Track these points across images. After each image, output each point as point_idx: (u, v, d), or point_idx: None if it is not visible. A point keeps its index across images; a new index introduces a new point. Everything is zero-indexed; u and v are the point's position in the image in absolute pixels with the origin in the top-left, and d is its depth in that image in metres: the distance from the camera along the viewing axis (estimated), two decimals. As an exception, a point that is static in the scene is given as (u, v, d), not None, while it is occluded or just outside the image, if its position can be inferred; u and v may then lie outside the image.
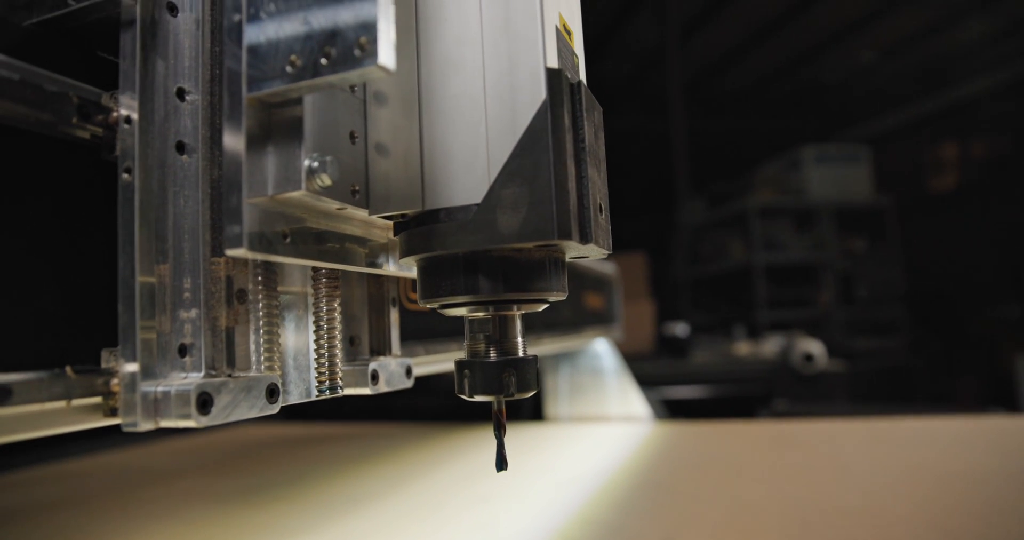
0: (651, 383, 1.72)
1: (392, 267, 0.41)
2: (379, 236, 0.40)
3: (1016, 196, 3.98)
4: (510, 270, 0.32)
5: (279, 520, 0.68)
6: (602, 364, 1.31)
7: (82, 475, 0.98)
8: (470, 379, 0.34)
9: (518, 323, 0.35)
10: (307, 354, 0.39)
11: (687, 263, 4.72)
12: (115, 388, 0.31)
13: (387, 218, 0.34)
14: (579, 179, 0.31)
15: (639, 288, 3.05)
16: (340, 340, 0.40)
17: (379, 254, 0.40)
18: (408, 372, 0.46)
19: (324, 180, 0.29)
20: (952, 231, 4.41)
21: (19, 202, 0.31)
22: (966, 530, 0.55)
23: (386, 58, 0.26)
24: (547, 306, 0.35)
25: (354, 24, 0.26)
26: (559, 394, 1.32)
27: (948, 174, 4.68)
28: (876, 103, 5.12)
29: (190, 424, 0.30)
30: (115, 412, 0.31)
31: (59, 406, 0.30)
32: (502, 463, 0.35)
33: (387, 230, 0.39)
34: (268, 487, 0.83)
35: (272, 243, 0.30)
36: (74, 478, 0.96)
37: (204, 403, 0.30)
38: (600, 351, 1.32)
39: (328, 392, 0.39)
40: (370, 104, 0.34)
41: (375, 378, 0.42)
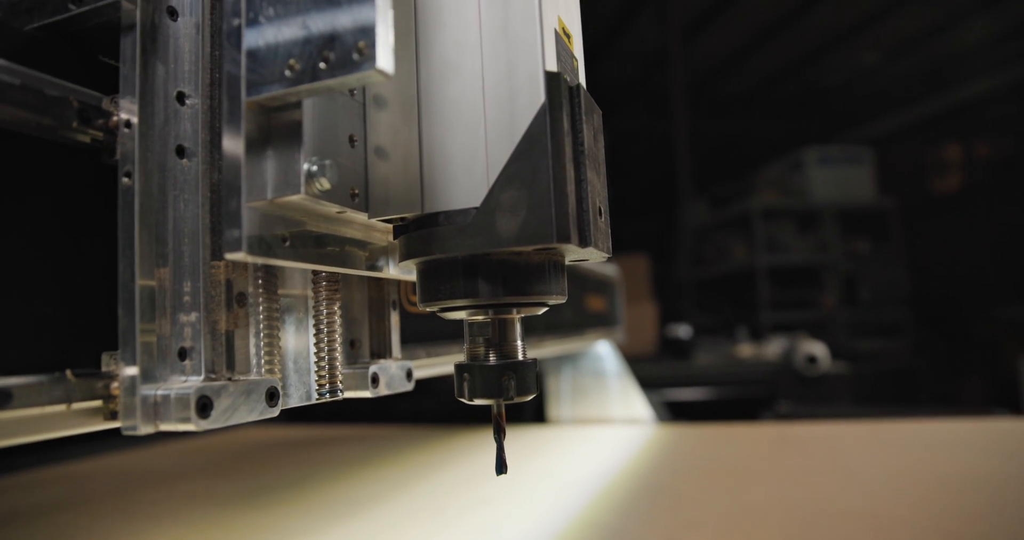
0: (654, 385, 1.72)
1: (392, 270, 0.41)
2: (379, 239, 0.40)
3: (1020, 197, 3.97)
4: (509, 273, 0.32)
5: (281, 522, 0.68)
6: (604, 366, 1.31)
7: (84, 477, 0.98)
8: (470, 382, 0.34)
9: (517, 326, 0.35)
10: (307, 357, 0.39)
11: (690, 265, 4.71)
12: (115, 391, 0.31)
13: (386, 221, 0.34)
14: (578, 182, 0.31)
15: (642, 290, 3.05)
16: (340, 343, 0.40)
17: (379, 257, 0.40)
18: (408, 375, 0.46)
19: (323, 184, 0.29)
20: (956, 232, 4.40)
21: (20, 206, 0.31)
22: (969, 533, 0.54)
23: (384, 62, 0.26)
24: (547, 309, 0.35)
25: (352, 28, 0.26)
26: (561, 396, 1.31)
27: (952, 175, 4.67)
28: (879, 104, 5.11)
29: (189, 427, 0.30)
30: (115, 415, 0.31)
31: (59, 410, 0.30)
32: (502, 467, 0.35)
33: (387, 233, 0.39)
34: (270, 489, 0.83)
35: (271, 247, 0.30)
36: (76, 480, 0.97)
37: (204, 406, 0.30)
38: (602, 353, 1.32)
39: (328, 395, 0.39)
40: (369, 108, 0.34)
41: (375, 381, 0.42)
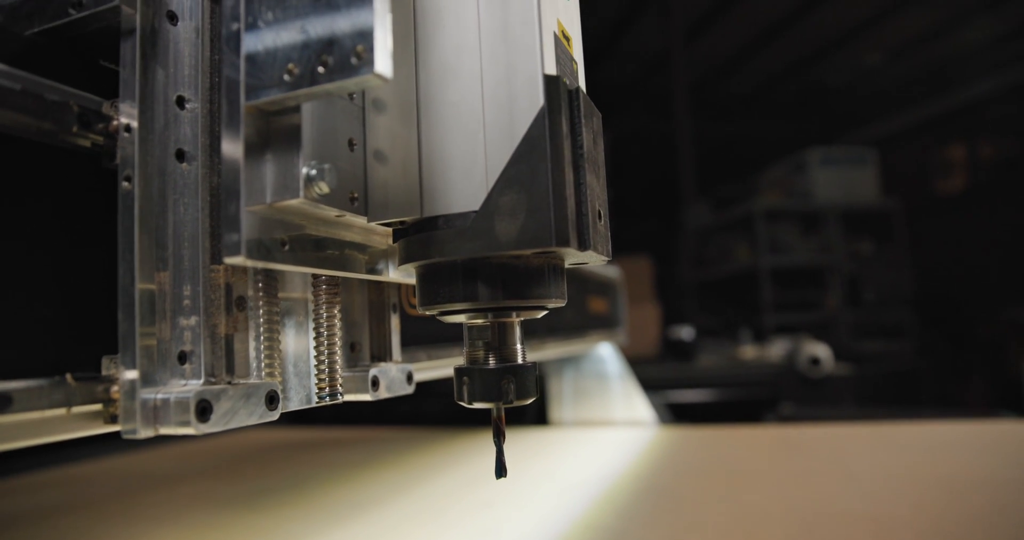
0: (656, 387, 1.72)
1: (392, 273, 0.41)
2: (379, 242, 0.40)
3: (1024, 197, 3.96)
4: (509, 277, 0.32)
5: (282, 525, 0.68)
6: (606, 368, 1.31)
7: (85, 480, 0.98)
8: (469, 386, 0.34)
9: (517, 330, 0.35)
10: (307, 360, 0.39)
11: (692, 266, 4.71)
12: (115, 395, 0.31)
13: (386, 225, 0.34)
14: (577, 186, 0.31)
15: (644, 291, 3.05)
16: (340, 346, 0.40)
17: (379, 260, 0.40)
18: (409, 378, 0.46)
19: (322, 188, 0.29)
20: (960, 233, 4.39)
21: (20, 209, 0.31)
22: (972, 536, 0.54)
23: (383, 66, 0.26)
24: (546, 312, 0.35)
25: (351, 32, 0.26)
26: (563, 398, 1.31)
27: (955, 176, 4.66)
28: (882, 105, 5.11)
29: (189, 431, 0.30)
30: (115, 419, 0.31)
31: (59, 413, 0.30)
32: (501, 470, 0.35)
33: (387, 236, 0.39)
34: (271, 492, 0.83)
35: (270, 251, 0.30)
36: (77, 483, 0.97)
37: (203, 410, 0.30)
38: (604, 355, 1.32)
39: (328, 398, 0.39)
40: (369, 111, 0.34)
41: (375, 384, 0.42)
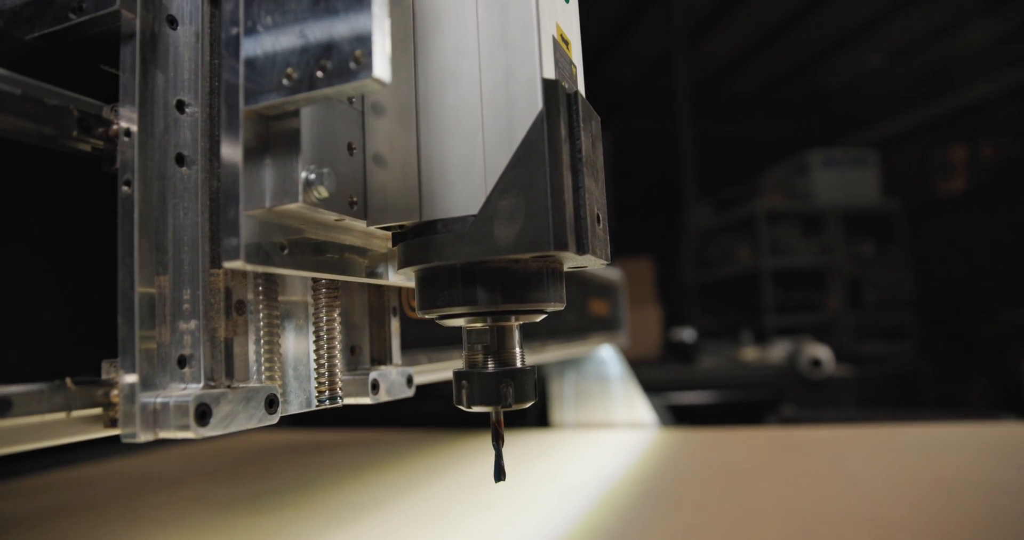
0: (658, 388, 1.71)
1: (392, 277, 0.41)
2: (379, 246, 0.40)
3: (1026, 199, 3.95)
4: (507, 281, 0.32)
5: (284, 527, 0.68)
6: (607, 370, 1.31)
7: (87, 482, 0.99)
8: (468, 390, 0.34)
9: (516, 334, 0.35)
10: (307, 363, 0.40)
11: (694, 268, 4.71)
12: (115, 399, 0.31)
13: (385, 229, 0.34)
14: (576, 190, 0.31)
15: (646, 293, 3.04)
16: (340, 350, 0.40)
17: (379, 264, 0.40)
18: (409, 381, 0.46)
19: (321, 192, 0.29)
20: (961, 234, 4.38)
21: (20, 214, 0.31)
22: (973, 539, 0.54)
23: (381, 71, 0.26)
24: (545, 316, 0.35)
25: (349, 37, 0.26)
26: (564, 400, 1.31)
27: (957, 177, 4.65)
28: (883, 106, 5.10)
29: (188, 435, 0.30)
30: (115, 423, 0.31)
31: (59, 417, 0.30)
32: (500, 474, 0.35)
33: (387, 240, 0.39)
34: (272, 494, 0.83)
35: (269, 255, 0.30)
36: (79, 485, 0.97)
37: (203, 414, 0.30)
38: (605, 357, 1.32)
39: (328, 402, 0.39)
40: (368, 115, 0.34)
41: (375, 387, 0.42)
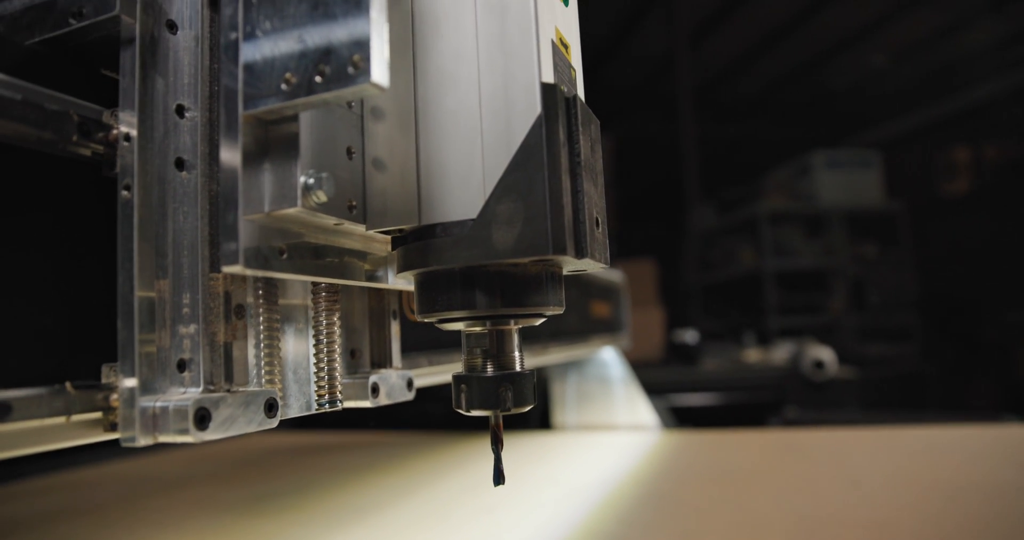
0: (661, 390, 1.71)
1: (392, 281, 0.41)
2: (379, 250, 0.40)
3: (1030, 200, 3.94)
4: (506, 285, 0.32)
5: (285, 529, 0.68)
6: (609, 372, 1.30)
7: (89, 484, 0.99)
8: (467, 394, 0.34)
9: (515, 337, 0.35)
10: (307, 367, 0.40)
11: (697, 269, 4.70)
12: (114, 403, 0.31)
13: (384, 233, 0.34)
14: (574, 193, 0.31)
15: (648, 295, 3.04)
16: (340, 353, 0.40)
17: (379, 267, 0.40)
18: (409, 384, 0.46)
19: (320, 196, 0.29)
20: (965, 235, 4.37)
21: (20, 218, 0.31)
22: (976, 543, 0.54)
23: (379, 76, 0.26)
24: (544, 320, 0.35)
25: (347, 42, 0.27)
26: (566, 402, 1.31)
27: (960, 178, 4.64)
28: (887, 107, 5.09)
29: (187, 439, 0.30)
30: (115, 427, 0.31)
31: (59, 422, 0.30)
32: (499, 477, 0.35)
33: (387, 243, 0.39)
34: (274, 496, 0.83)
35: (268, 259, 0.30)
36: (81, 488, 0.97)
37: (202, 418, 0.30)
38: (607, 359, 1.32)
39: (328, 405, 0.39)
40: (367, 119, 0.34)
41: (375, 391, 0.42)
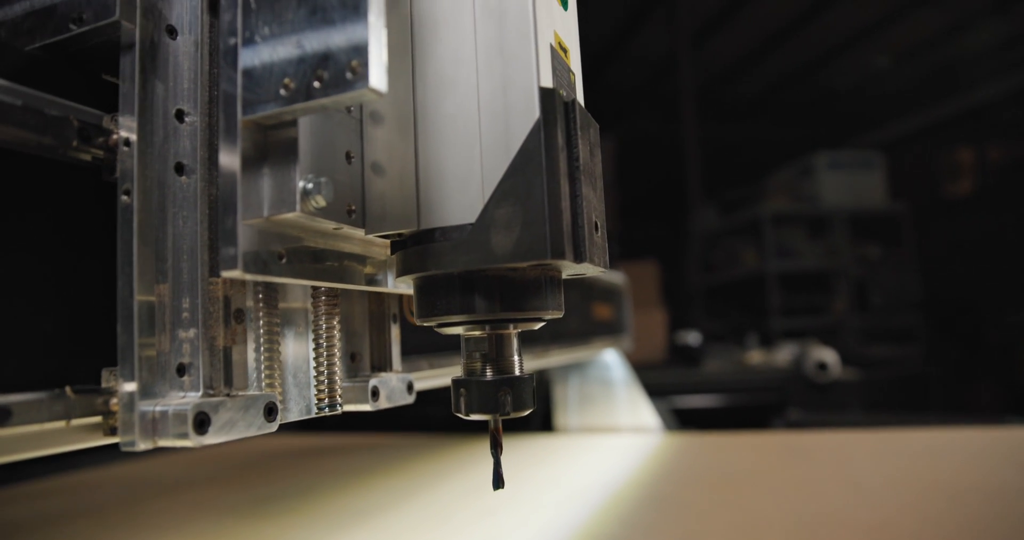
0: (663, 392, 1.71)
1: (392, 284, 0.41)
2: (379, 254, 0.40)
3: (1034, 200, 3.93)
4: (505, 289, 0.32)
5: (286, 532, 0.68)
6: (611, 375, 1.30)
7: (90, 487, 0.99)
8: (466, 398, 0.34)
9: (514, 341, 0.35)
10: (307, 371, 0.40)
11: (699, 271, 4.69)
12: (114, 407, 0.31)
13: (384, 237, 0.34)
14: (573, 198, 0.31)
15: (651, 296, 3.04)
16: (340, 357, 0.40)
17: (379, 271, 0.40)
18: (409, 388, 0.46)
19: (319, 201, 0.29)
20: (969, 236, 4.35)
21: (21, 223, 0.31)
22: (978, 547, 0.54)
23: (377, 81, 0.26)
24: (544, 324, 0.35)
25: (346, 47, 0.27)
26: (568, 405, 1.31)
27: (964, 179, 4.63)
28: (890, 108, 5.08)
29: (187, 443, 0.30)
30: (114, 431, 0.31)
31: (59, 426, 0.30)
32: (499, 481, 0.35)
33: (387, 247, 0.39)
34: (276, 499, 0.83)
35: (267, 264, 0.30)
36: (82, 490, 0.97)
37: (201, 422, 0.30)
38: (609, 361, 1.32)
39: (328, 409, 0.40)
40: (366, 124, 0.34)
41: (375, 394, 0.42)
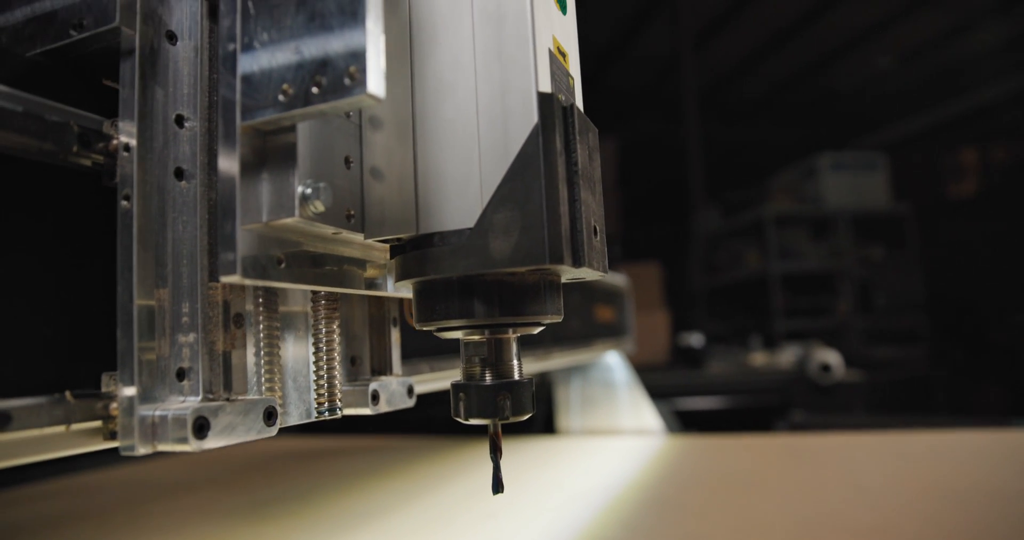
0: (666, 394, 1.71)
1: (392, 288, 0.41)
2: (379, 257, 0.40)
3: (1038, 201, 3.92)
4: (504, 294, 0.32)
5: (288, 534, 0.68)
6: (614, 377, 1.30)
7: (92, 489, 0.99)
8: (465, 402, 0.34)
9: (513, 346, 0.35)
10: (307, 374, 0.40)
11: (703, 272, 4.68)
12: (114, 412, 0.31)
13: (383, 242, 0.35)
14: (572, 202, 0.31)
15: (654, 298, 3.04)
16: (339, 361, 0.40)
17: (379, 275, 0.40)
18: (410, 391, 0.46)
19: (317, 206, 0.29)
20: (973, 238, 4.34)
21: (20, 228, 0.31)
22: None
23: (375, 87, 0.26)
24: (543, 328, 0.35)
25: (344, 53, 0.27)
26: (570, 407, 1.31)
27: (967, 180, 4.61)
28: (893, 109, 5.07)
29: (186, 448, 0.30)
30: (114, 435, 0.31)
31: (59, 431, 0.30)
32: (498, 486, 0.35)
33: (387, 251, 0.39)
34: (278, 501, 0.83)
35: (266, 269, 0.30)
36: (84, 492, 0.97)
37: (200, 427, 0.31)
38: (612, 364, 1.32)
39: (327, 413, 0.40)
40: (366, 128, 0.34)
41: (375, 398, 0.42)
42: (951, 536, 0.57)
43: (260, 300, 0.36)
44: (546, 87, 0.31)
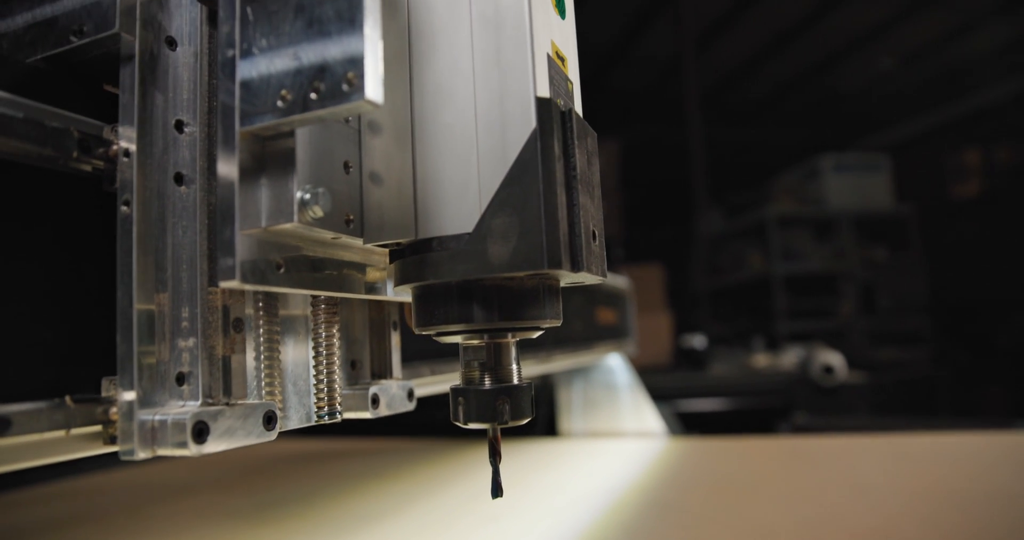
0: (669, 396, 1.70)
1: (391, 292, 0.41)
2: (378, 262, 0.40)
3: (1042, 202, 3.90)
4: (503, 299, 0.32)
5: (290, 537, 0.68)
6: (616, 379, 1.30)
7: (95, 491, 0.99)
8: (465, 406, 0.34)
9: (512, 350, 0.35)
10: (307, 378, 0.40)
11: (705, 274, 4.68)
12: (114, 416, 0.31)
13: (382, 246, 0.35)
14: (570, 207, 0.31)
15: (656, 300, 3.03)
16: (339, 365, 0.40)
17: (379, 279, 0.40)
18: (410, 395, 0.46)
19: (316, 212, 0.29)
20: (976, 238, 4.33)
21: (21, 233, 0.31)
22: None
23: (373, 93, 0.26)
24: (542, 333, 0.35)
25: (342, 59, 0.27)
26: (572, 409, 1.31)
27: (971, 180, 4.60)
28: (896, 110, 5.07)
29: (186, 453, 0.30)
30: (114, 440, 0.32)
31: (59, 435, 0.30)
32: (498, 490, 0.35)
33: (387, 255, 0.39)
34: (280, 503, 0.83)
35: (265, 274, 0.30)
36: (85, 495, 0.97)
37: (200, 432, 0.31)
38: (614, 366, 1.32)
39: (327, 417, 0.40)
40: (365, 133, 0.34)
41: (375, 402, 0.42)
42: (954, 538, 0.57)
43: (260, 304, 0.36)
44: (544, 92, 0.31)
